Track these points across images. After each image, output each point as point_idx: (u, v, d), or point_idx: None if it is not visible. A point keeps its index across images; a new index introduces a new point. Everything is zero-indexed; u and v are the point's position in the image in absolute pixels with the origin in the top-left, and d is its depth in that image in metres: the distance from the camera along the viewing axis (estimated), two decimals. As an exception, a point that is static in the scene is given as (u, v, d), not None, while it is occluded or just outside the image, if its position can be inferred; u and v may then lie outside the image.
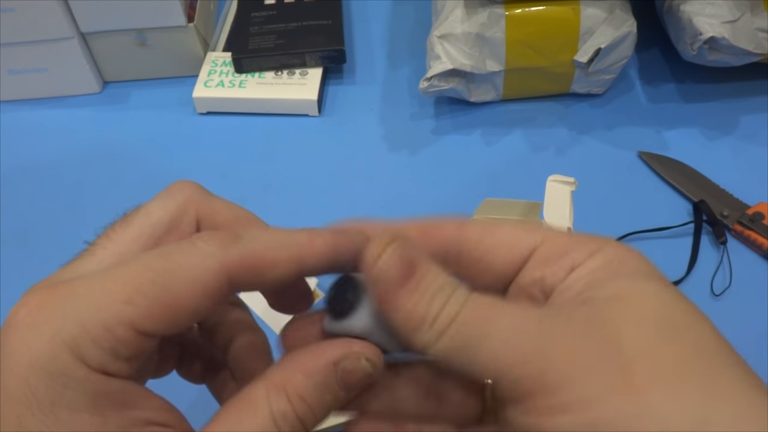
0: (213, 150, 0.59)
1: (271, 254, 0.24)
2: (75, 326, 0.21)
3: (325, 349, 0.24)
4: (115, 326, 0.21)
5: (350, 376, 0.24)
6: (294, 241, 0.24)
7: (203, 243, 0.23)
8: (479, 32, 0.55)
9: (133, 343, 0.22)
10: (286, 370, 0.24)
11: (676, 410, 0.20)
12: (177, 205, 0.26)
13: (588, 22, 0.54)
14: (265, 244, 0.24)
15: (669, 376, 0.20)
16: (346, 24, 0.69)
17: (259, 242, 0.24)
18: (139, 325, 0.22)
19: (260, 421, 0.23)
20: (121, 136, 0.61)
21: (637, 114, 0.59)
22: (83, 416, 0.21)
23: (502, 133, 0.59)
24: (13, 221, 0.55)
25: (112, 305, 0.22)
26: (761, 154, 0.55)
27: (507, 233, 0.25)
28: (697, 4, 0.53)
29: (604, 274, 0.23)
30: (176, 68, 0.65)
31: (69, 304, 0.22)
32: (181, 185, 0.27)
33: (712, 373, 0.21)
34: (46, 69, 0.62)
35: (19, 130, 0.62)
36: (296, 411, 0.23)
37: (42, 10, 0.58)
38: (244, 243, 0.24)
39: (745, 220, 0.50)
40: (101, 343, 0.21)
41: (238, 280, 0.23)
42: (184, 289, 0.22)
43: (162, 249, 0.23)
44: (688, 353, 0.21)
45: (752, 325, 0.46)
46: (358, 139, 0.59)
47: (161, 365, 0.29)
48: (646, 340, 0.21)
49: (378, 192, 0.55)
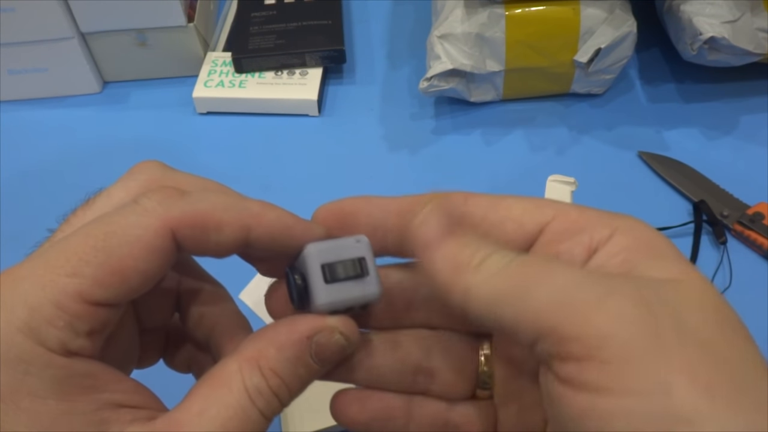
0: (213, 150, 0.59)
1: (217, 215, 0.23)
2: (24, 309, 0.20)
3: (299, 323, 0.24)
4: (65, 301, 0.21)
5: (324, 350, 0.24)
6: (244, 207, 0.24)
7: (146, 200, 0.23)
8: (479, 32, 0.55)
9: (88, 315, 0.21)
10: (259, 344, 0.23)
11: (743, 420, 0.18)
12: (138, 185, 0.26)
13: (588, 22, 0.54)
14: (212, 204, 0.23)
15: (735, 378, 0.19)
16: (346, 24, 0.69)
17: (206, 202, 0.23)
18: (89, 295, 0.21)
19: (235, 396, 0.22)
20: (121, 136, 0.61)
21: (637, 114, 0.59)
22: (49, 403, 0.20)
23: (502, 133, 0.59)
24: (13, 221, 0.55)
25: (57, 280, 0.21)
26: (761, 154, 0.55)
27: (515, 208, 0.24)
28: (697, 4, 0.53)
29: (643, 255, 0.21)
30: (176, 68, 0.65)
31: (14, 289, 0.21)
32: (142, 165, 0.27)
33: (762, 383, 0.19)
34: (46, 69, 0.62)
35: (19, 130, 0.62)
36: (270, 385, 0.23)
37: (42, 10, 0.58)
38: (189, 200, 0.23)
39: (745, 220, 0.50)
40: (55, 322, 0.21)
41: (184, 239, 0.22)
42: (127, 250, 0.22)
43: (104, 214, 0.23)
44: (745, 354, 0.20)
45: (752, 325, 0.46)
46: (358, 139, 0.59)
47: (145, 355, 0.29)
48: (710, 332, 0.19)
49: (378, 192, 0.55)
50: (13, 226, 0.55)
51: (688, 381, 0.18)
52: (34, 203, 0.57)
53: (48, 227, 0.26)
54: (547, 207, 0.23)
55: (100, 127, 0.62)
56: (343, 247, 0.25)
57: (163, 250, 0.22)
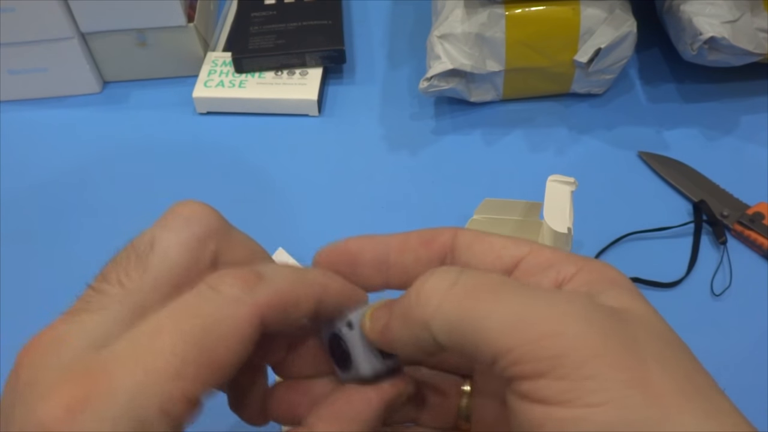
0: (213, 150, 0.59)
1: (294, 293, 0.23)
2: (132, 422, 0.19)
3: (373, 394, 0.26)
4: (170, 407, 0.20)
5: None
6: (313, 281, 0.24)
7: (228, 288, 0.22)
8: (479, 32, 0.55)
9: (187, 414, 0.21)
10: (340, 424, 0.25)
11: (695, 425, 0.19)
12: (197, 240, 0.24)
13: (588, 22, 0.54)
14: (289, 282, 0.23)
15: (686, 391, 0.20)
16: (346, 24, 0.69)
17: (284, 282, 0.23)
18: (191, 394, 0.21)
19: None
20: (121, 136, 0.61)
21: (637, 114, 0.59)
22: None
23: (502, 133, 0.59)
24: (12, 221, 0.55)
25: (162, 385, 0.20)
26: (761, 154, 0.55)
27: (496, 242, 0.26)
28: (697, 4, 0.53)
29: (603, 287, 0.23)
30: (176, 68, 0.65)
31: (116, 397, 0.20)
32: (196, 211, 0.25)
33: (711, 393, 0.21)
34: (46, 69, 0.62)
35: (19, 130, 0.62)
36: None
37: (42, 10, 0.58)
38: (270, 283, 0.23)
39: (745, 220, 0.50)
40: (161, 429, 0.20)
41: (268, 322, 0.23)
42: (225, 344, 0.21)
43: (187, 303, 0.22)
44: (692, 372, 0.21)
45: (752, 325, 0.46)
46: (358, 139, 0.59)
47: None
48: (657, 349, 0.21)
49: (378, 192, 0.55)
50: (13, 226, 0.55)
51: (640, 393, 0.20)
52: (34, 203, 0.57)
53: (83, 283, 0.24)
54: (524, 244, 0.25)
55: (100, 127, 0.62)
56: None
57: (254, 337, 0.22)
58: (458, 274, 0.23)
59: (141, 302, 0.22)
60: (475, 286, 0.22)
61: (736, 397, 0.22)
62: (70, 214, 0.55)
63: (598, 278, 0.24)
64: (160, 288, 0.23)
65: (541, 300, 0.21)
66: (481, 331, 0.21)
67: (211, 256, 0.24)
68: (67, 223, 0.55)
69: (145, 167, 0.58)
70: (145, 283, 0.23)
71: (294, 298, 0.23)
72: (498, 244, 0.26)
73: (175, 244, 0.24)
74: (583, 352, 0.20)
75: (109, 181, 0.57)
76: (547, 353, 0.20)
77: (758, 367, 0.44)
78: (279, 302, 0.23)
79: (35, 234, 0.55)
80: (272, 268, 0.24)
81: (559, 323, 0.21)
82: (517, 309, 0.21)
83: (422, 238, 0.26)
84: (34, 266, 0.52)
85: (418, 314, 0.23)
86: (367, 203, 0.55)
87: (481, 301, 0.22)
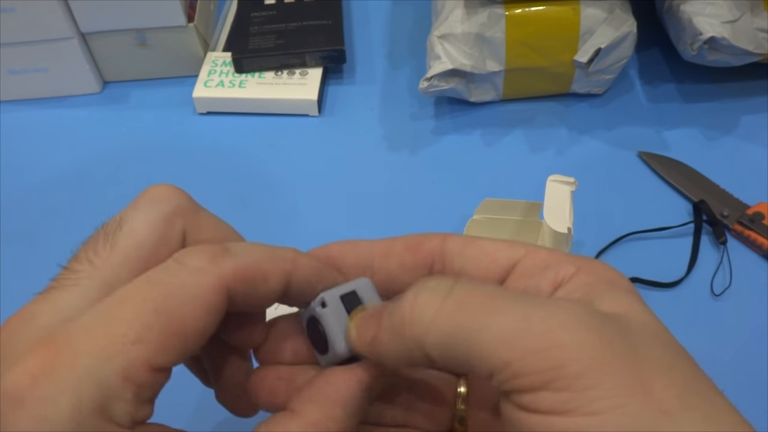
0: (213, 150, 0.59)
1: (262, 267, 0.23)
2: (93, 387, 0.20)
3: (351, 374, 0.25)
4: (132, 372, 0.20)
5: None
6: (281, 256, 0.24)
7: (193, 260, 0.22)
8: (479, 32, 0.55)
9: (153, 381, 0.21)
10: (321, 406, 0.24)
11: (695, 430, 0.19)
12: (164, 219, 0.25)
13: (588, 22, 0.54)
14: (256, 256, 0.23)
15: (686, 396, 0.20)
16: (346, 24, 0.69)
17: (251, 255, 0.23)
18: (155, 361, 0.21)
19: None
20: (121, 136, 0.61)
21: (637, 114, 0.59)
22: None
23: (502, 133, 0.59)
24: (12, 221, 0.55)
25: (123, 350, 0.20)
26: (761, 154, 0.55)
27: (489, 246, 0.25)
28: (697, 4, 0.53)
29: (601, 289, 0.23)
30: (176, 68, 0.65)
31: (78, 362, 0.20)
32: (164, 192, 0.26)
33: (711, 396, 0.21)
34: (46, 69, 0.62)
35: (19, 130, 0.62)
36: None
37: (42, 10, 0.58)
38: (236, 255, 0.23)
39: (745, 220, 0.50)
40: (124, 395, 0.20)
41: (235, 294, 0.23)
42: (188, 311, 0.21)
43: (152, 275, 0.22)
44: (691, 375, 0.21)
45: (752, 325, 0.46)
46: (358, 139, 0.59)
47: None
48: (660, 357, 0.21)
49: (378, 192, 0.55)
50: (13, 225, 0.55)
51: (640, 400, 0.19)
52: (33, 203, 0.57)
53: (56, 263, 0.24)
54: (519, 246, 0.25)
55: (100, 127, 0.62)
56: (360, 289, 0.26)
57: (219, 307, 0.22)
58: (451, 286, 0.22)
59: (110, 278, 0.23)
60: (469, 299, 0.22)
61: (735, 397, 0.22)
62: (70, 214, 0.55)
63: (596, 280, 0.23)
64: (129, 264, 0.23)
65: (538, 310, 0.21)
66: (477, 345, 0.21)
67: (179, 234, 0.25)
68: (67, 223, 0.55)
69: (145, 167, 0.58)
70: (114, 259, 0.23)
71: (262, 272, 0.23)
72: (491, 247, 0.25)
73: (143, 222, 0.24)
74: (582, 362, 0.20)
75: (109, 181, 0.57)
76: (547, 365, 0.20)
77: (758, 367, 0.44)
78: (245, 274, 0.23)
79: (35, 234, 0.55)
80: (242, 245, 0.24)
81: (556, 334, 0.20)
82: (514, 321, 0.21)
83: (408, 244, 0.26)
84: (34, 266, 0.52)
85: (411, 331, 0.22)
86: (367, 203, 0.55)
87: (475, 315, 0.21)
